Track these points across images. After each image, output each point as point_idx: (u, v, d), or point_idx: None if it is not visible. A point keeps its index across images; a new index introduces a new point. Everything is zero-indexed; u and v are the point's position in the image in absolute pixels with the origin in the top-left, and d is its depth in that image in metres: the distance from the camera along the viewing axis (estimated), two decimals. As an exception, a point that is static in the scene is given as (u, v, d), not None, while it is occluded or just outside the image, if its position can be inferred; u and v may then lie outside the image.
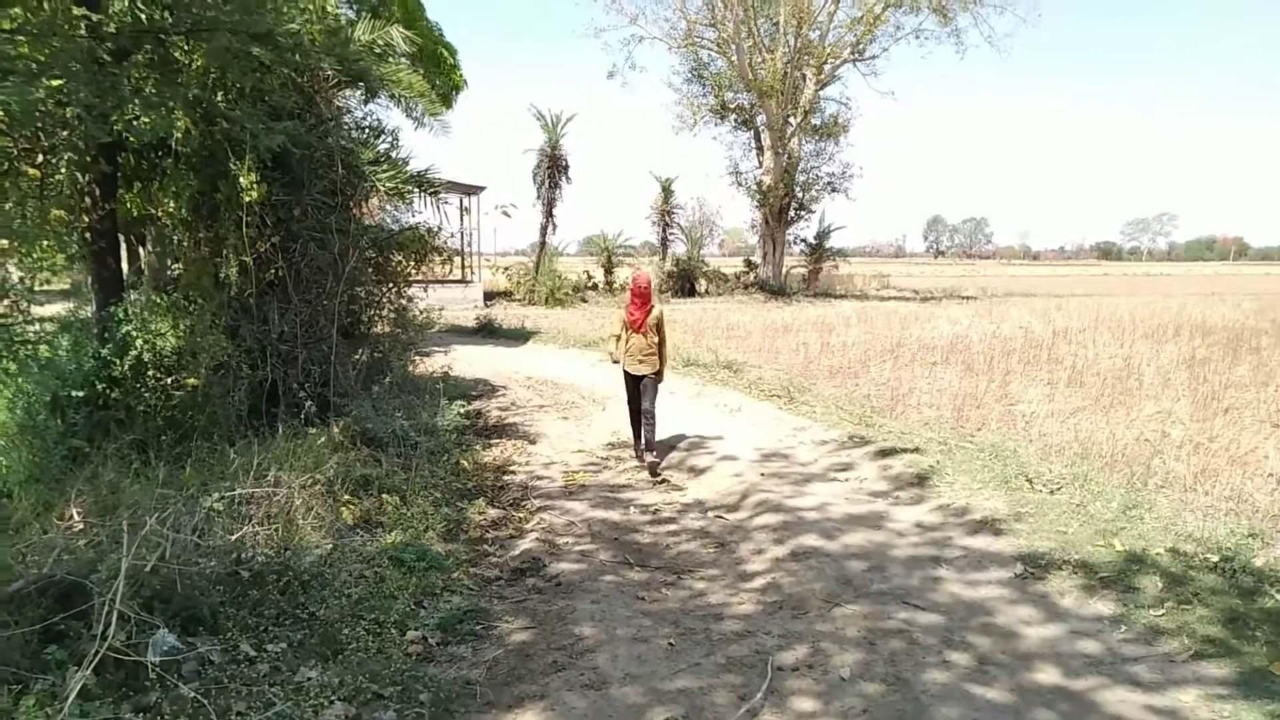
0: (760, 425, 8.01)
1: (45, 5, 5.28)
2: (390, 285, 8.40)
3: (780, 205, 29.65)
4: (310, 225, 6.91)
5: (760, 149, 30.37)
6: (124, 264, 7.94)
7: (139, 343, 5.88)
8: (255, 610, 3.48)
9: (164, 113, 5.47)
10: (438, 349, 11.60)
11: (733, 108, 30.75)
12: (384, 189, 7.52)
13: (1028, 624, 3.72)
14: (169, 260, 8.15)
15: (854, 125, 31.95)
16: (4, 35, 4.73)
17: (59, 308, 7.16)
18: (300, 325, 6.79)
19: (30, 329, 5.41)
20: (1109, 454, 6.22)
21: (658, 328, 6.70)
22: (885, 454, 6.55)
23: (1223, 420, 7.30)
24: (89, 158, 6.11)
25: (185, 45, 6.03)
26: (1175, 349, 11.81)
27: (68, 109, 5.39)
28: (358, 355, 7.65)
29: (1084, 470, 5.69)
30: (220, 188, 6.26)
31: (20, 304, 5.41)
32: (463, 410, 7.86)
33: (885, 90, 47.01)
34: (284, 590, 3.66)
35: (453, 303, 20.42)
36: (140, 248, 10.80)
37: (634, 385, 6.84)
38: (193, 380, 5.98)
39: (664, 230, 33.84)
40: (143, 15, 5.63)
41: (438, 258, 9.18)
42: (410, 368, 8.70)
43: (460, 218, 23.68)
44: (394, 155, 7.93)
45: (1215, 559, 4.11)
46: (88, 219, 6.32)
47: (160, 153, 6.42)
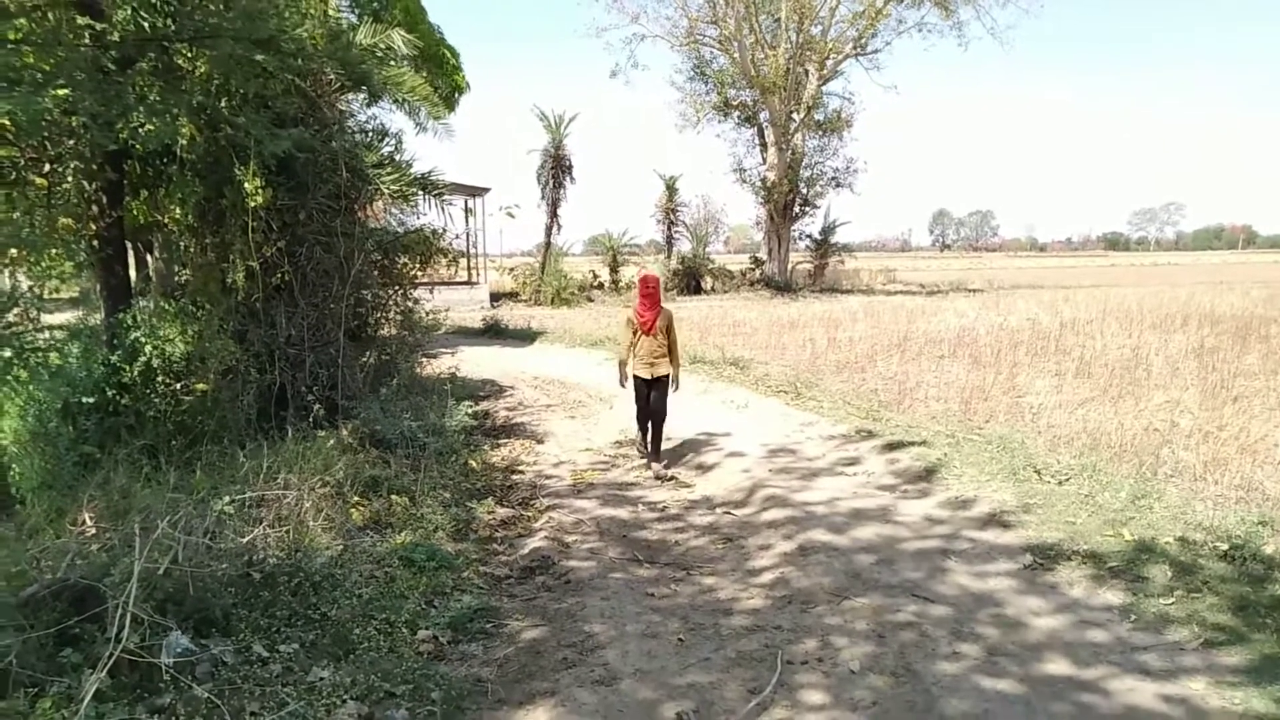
0: (767, 421, 8.01)
1: (50, 15, 5.33)
2: (396, 288, 8.45)
3: (785, 201, 29.60)
4: (315, 229, 6.95)
5: (764, 145, 30.32)
6: (132, 271, 8.01)
7: (148, 349, 5.93)
8: (267, 611, 3.51)
9: (169, 120, 5.51)
10: (445, 350, 11.66)
11: (735, 105, 30.72)
12: (388, 192, 7.56)
13: (1037, 615, 3.72)
14: (176, 266, 8.22)
15: (857, 120, 31.82)
16: (10, 45, 4.77)
17: (68, 315, 7.23)
18: (307, 329, 6.83)
19: (40, 337, 5.47)
20: (1118, 444, 6.19)
21: (667, 329, 6.52)
22: (892, 447, 6.55)
23: (1232, 409, 7.25)
24: (95, 166, 6.17)
25: (189, 52, 6.08)
26: (1184, 338, 11.72)
27: (73, 118, 5.45)
28: (365, 358, 7.69)
29: (1092, 461, 5.67)
30: (226, 193, 6.31)
31: (30, 312, 5.47)
32: (470, 411, 7.89)
33: (888, 84, 47.21)
34: (295, 591, 3.68)
35: (459, 304, 20.48)
36: (148, 254, 10.88)
37: (645, 389, 6.62)
38: (202, 385, 6.03)
39: (669, 228, 33.80)
40: (146, 24, 5.69)
41: (443, 259, 9.24)
42: (417, 369, 8.76)
43: (465, 219, 23.62)
44: (398, 158, 7.99)
45: (1225, 547, 4.10)
46: (95, 227, 6.37)
47: (166, 160, 6.48)
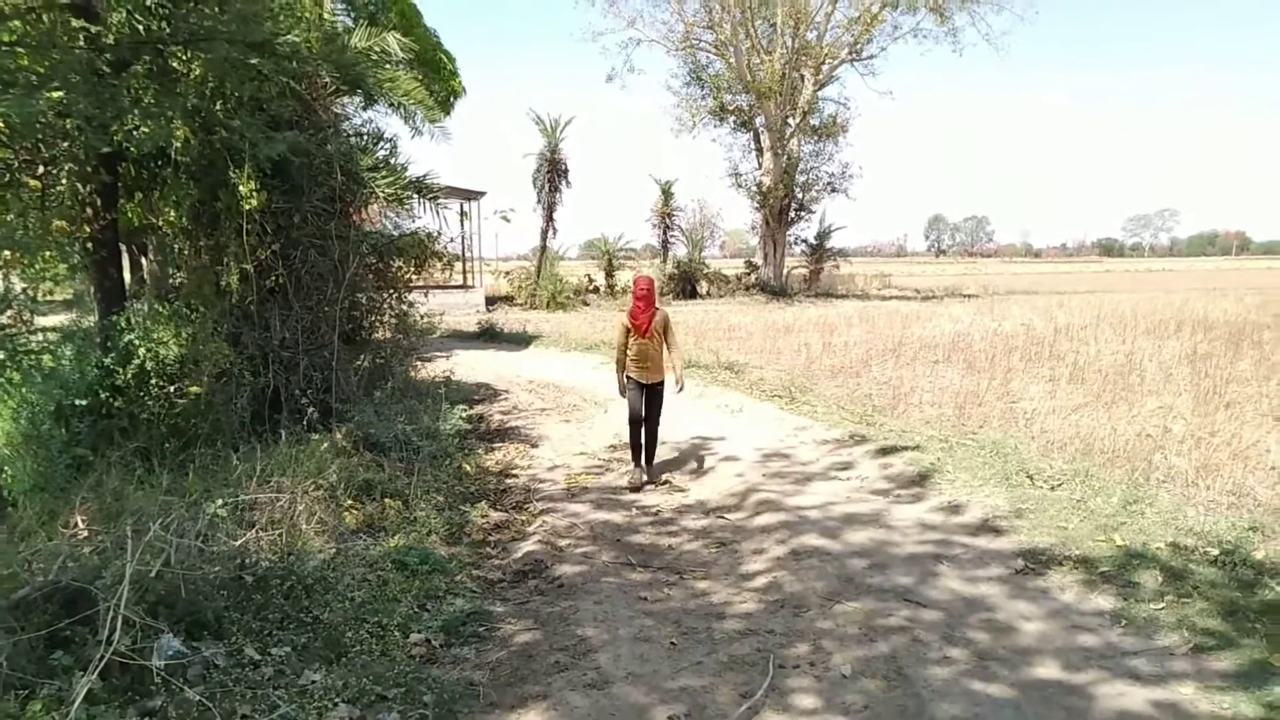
0: (762, 425, 8.02)
1: (45, 18, 5.33)
2: (391, 291, 8.45)
3: (780, 206, 29.67)
4: (310, 232, 6.95)
5: (759, 150, 30.38)
6: (126, 273, 8.00)
7: (142, 351, 5.92)
8: (259, 614, 3.51)
9: (163, 122, 5.51)
10: (440, 354, 11.66)
11: (731, 109, 30.77)
12: (383, 195, 7.57)
13: (1027, 619, 3.73)
14: (170, 269, 8.22)
15: (853, 125, 32.07)
16: (4, 48, 4.77)
17: (62, 318, 7.20)
18: (302, 332, 6.83)
19: (34, 339, 5.44)
20: (1110, 450, 6.21)
21: (664, 331, 6.35)
22: (886, 452, 6.56)
23: (1224, 415, 7.28)
24: (90, 168, 6.16)
25: (184, 55, 6.09)
26: (1177, 344, 11.78)
27: (68, 120, 5.44)
28: (359, 361, 7.69)
29: (1085, 466, 5.69)
30: (220, 196, 6.31)
31: (23, 314, 5.44)
32: (465, 414, 7.89)
33: (884, 90, 47.14)
34: (288, 594, 3.68)
35: (454, 308, 20.45)
36: (142, 257, 10.87)
37: (640, 394, 6.37)
38: (195, 388, 6.02)
39: (665, 233, 33.90)
40: (141, 27, 5.69)
41: (438, 263, 9.24)
42: (412, 373, 8.74)
43: (460, 223, 23.69)
44: (393, 161, 8.01)
45: (1215, 552, 4.12)
46: (89, 229, 6.36)
47: (160, 162, 6.47)
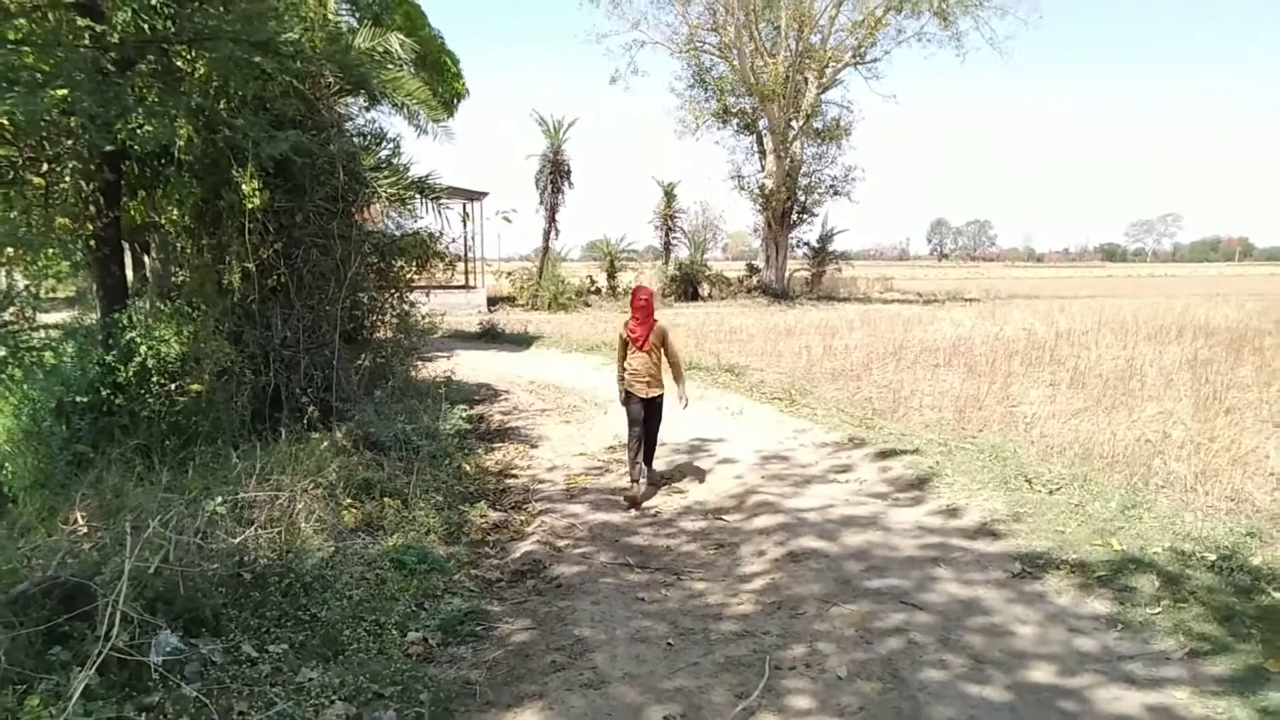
0: (761, 428, 8.03)
1: (50, 16, 5.35)
2: (393, 291, 8.47)
3: (783, 209, 29.70)
4: (312, 231, 6.97)
5: (762, 153, 30.43)
6: (128, 271, 8.02)
7: (143, 349, 5.93)
8: (257, 612, 3.52)
9: (167, 121, 5.53)
10: (441, 354, 11.68)
11: (735, 112, 30.81)
12: (386, 195, 7.59)
13: (1024, 623, 3.73)
14: (172, 267, 8.23)
15: (856, 128, 31.91)
16: (9, 46, 4.80)
17: (64, 315, 7.23)
18: (303, 331, 6.85)
19: (35, 336, 5.47)
20: (1109, 455, 6.21)
21: (663, 344, 6.07)
22: (885, 455, 6.57)
23: (1224, 420, 7.28)
24: (93, 166, 6.18)
25: (188, 54, 6.10)
26: (1178, 350, 11.77)
27: (72, 118, 5.46)
28: (360, 360, 7.71)
29: (1084, 471, 5.69)
30: (223, 195, 6.33)
31: (26, 311, 5.46)
32: (465, 414, 7.90)
33: (887, 93, 46.85)
34: (286, 592, 3.69)
35: (456, 308, 20.47)
36: (144, 255, 10.89)
37: (637, 408, 6.07)
38: (196, 386, 6.03)
39: (667, 235, 33.91)
40: (146, 25, 5.71)
41: (440, 263, 9.25)
42: (413, 372, 8.76)
43: (463, 223, 23.68)
44: (395, 161, 8.03)
45: (1213, 558, 4.12)
46: (92, 227, 6.38)
47: (163, 161, 6.49)
